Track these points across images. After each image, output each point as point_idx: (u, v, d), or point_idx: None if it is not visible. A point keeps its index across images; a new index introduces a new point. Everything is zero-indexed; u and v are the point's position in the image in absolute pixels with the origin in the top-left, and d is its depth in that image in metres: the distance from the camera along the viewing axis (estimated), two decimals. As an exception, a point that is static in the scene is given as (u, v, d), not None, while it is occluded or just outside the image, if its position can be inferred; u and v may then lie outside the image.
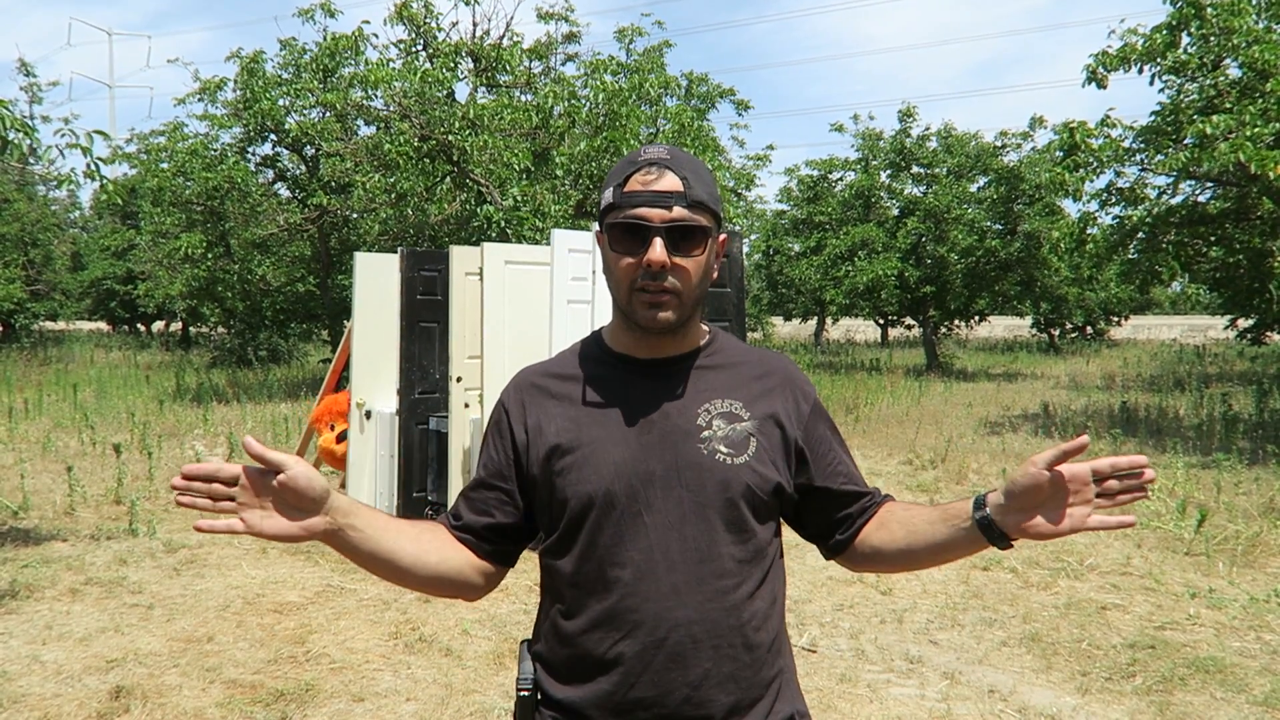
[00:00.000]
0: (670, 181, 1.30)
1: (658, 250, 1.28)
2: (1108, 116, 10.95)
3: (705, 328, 1.46)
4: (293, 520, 1.24)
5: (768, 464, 1.36)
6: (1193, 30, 10.19)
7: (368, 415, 6.93)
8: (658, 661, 1.29)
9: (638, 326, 1.35)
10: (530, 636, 1.47)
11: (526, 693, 1.37)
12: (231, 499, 1.22)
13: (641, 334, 1.37)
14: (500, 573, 1.46)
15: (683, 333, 1.38)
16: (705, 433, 1.34)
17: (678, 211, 1.29)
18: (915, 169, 21.47)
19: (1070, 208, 19.53)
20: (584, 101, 11.51)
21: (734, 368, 1.42)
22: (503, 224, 9.71)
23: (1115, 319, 31.21)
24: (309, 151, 15.95)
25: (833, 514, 1.45)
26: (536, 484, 1.38)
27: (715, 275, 1.39)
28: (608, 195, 1.33)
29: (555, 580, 1.38)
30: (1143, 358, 25.41)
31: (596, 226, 1.43)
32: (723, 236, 1.40)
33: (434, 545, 1.38)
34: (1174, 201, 11.34)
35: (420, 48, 12.46)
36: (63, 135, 5.77)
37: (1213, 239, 11.88)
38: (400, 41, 12.69)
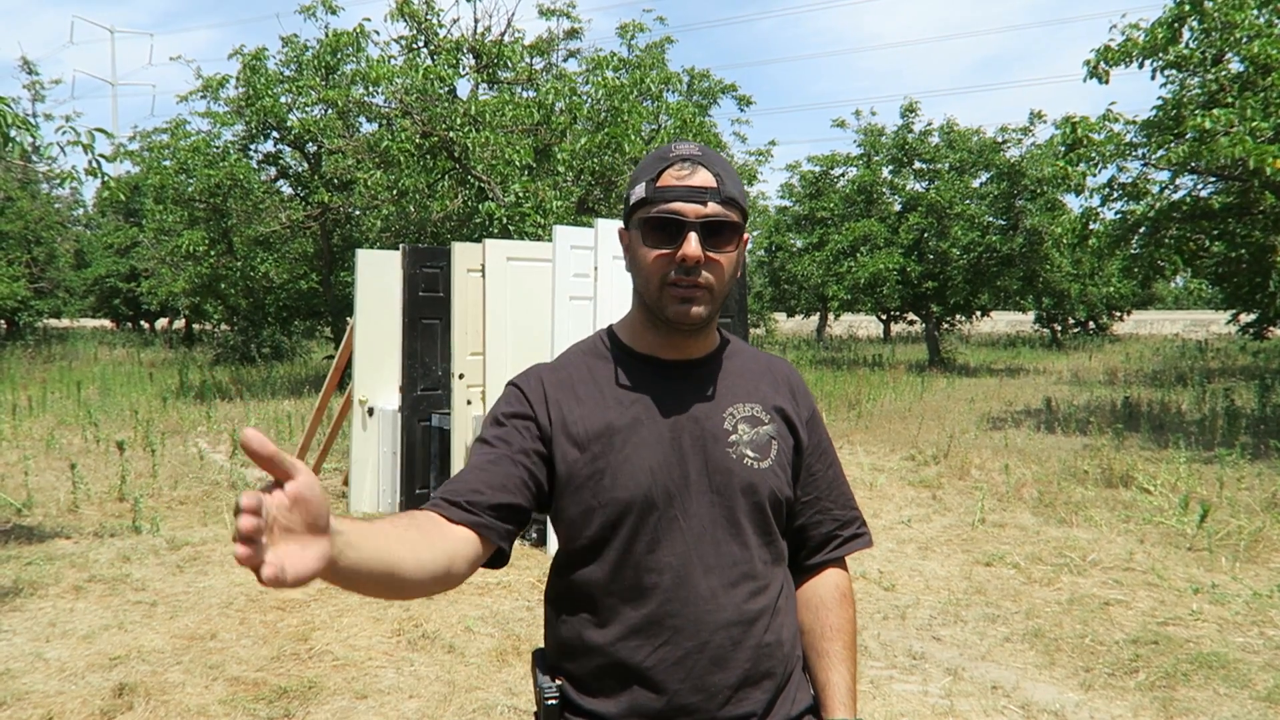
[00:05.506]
0: (704, 177, 1.28)
1: (693, 245, 1.26)
2: (1109, 111, 10.94)
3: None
4: (305, 550, 0.87)
5: (786, 466, 1.38)
6: (1193, 25, 10.17)
7: (370, 412, 6.93)
8: (700, 666, 1.28)
9: (666, 323, 1.32)
10: (542, 647, 1.43)
11: (554, 701, 1.33)
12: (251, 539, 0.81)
13: (668, 332, 1.34)
14: (482, 561, 1.24)
15: (705, 331, 1.37)
16: (732, 436, 1.34)
17: (712, 207, 1.27)
18: (917, 164, 21.45)
19: (1073, 203, 19.50)
20: (585, 98, 11.51)
21: (749, 370, 1.43)
22: (504, 220, 9.71)
23: (1117, 314, 31.17)
24: (311, 148, 15.97)
25: (793, 534, 1.46)
26: (561, 485, 1.32)
27: (739, 273, 1.38)
28: (639, 190, 1.31)
29: (580, 589, 1.33)
30: (1145, 353, 25.39)
31: (621, 223, 1.40)
32: (746, 236, 1.37)
33: (424, 543, 1.13)
34: (1176, 196, 11.32)
35: (421, 44, 12.47)
36: (64, 133, 5.76)
37: (1215, 233, 11.85)
38: (401, 38, 12.71)
